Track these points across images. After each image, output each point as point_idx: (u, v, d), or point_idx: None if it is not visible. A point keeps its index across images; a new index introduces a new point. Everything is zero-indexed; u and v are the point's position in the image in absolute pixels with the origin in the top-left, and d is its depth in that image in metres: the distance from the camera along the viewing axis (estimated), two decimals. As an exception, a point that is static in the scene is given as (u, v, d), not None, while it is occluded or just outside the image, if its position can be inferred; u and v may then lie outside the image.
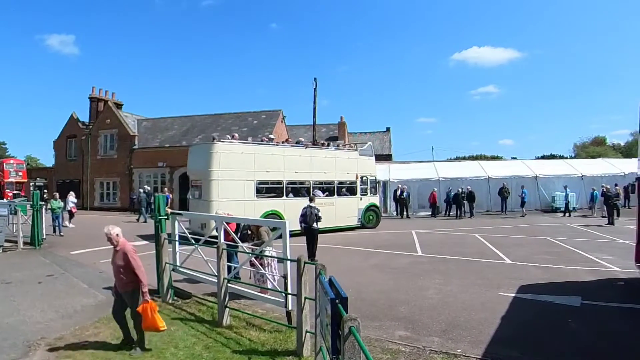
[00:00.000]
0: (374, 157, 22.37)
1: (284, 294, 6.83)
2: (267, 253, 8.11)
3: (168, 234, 9.30)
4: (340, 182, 20.24)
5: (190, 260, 9.09)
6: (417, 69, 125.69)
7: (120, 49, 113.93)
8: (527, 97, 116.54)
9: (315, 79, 26.41)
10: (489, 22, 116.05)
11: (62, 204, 19.95)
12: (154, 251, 9.31)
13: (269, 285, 7.98)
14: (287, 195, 18.28)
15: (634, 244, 10.00)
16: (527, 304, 8.23)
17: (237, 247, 8.60)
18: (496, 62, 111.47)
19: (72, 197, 23.35)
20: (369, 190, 21.37)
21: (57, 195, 20.43)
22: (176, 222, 9.29)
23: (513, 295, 8.79)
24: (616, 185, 24.23)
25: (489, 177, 29.39)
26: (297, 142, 20.95)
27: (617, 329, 6.94)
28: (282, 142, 21.40)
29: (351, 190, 20.70)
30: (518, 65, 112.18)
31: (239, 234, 9.16)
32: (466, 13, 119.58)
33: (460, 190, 26.95)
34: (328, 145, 22.10)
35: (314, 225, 12.60)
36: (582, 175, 29.07)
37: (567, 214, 25.47)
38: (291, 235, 6.77)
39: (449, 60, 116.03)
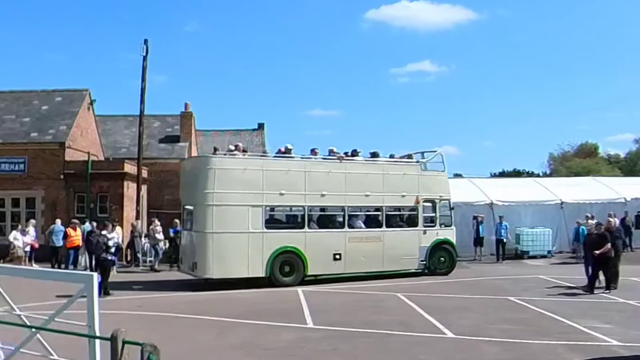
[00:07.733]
0: (445, 172, 17.57)
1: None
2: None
3: None
4: (393, 208, 16.30)
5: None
6: (312, 32, 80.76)
7: None
8: (481, 82, 79.32)
9: (145, 41, 20.10)
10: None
11: None
12: None
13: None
14: (309, 226, 15.16)
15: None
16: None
17: None
18: (436, 26, 74.66)
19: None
20: (437, 220, 16.63)
21: None
22: None
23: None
24: (613, 215, 18.93)
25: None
26: (330, 152, 16.53)
27: None
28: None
29: (410, 220, 16.52)
30: (470, 31, 75.14)
31: None
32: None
33: None
34: (373, 155, 17.12)
35: (103, 255, 13.12)
36: (562, 202, 22.05)
37: (500, 260, 19.53)
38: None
39: (362, 20, 76.43)
